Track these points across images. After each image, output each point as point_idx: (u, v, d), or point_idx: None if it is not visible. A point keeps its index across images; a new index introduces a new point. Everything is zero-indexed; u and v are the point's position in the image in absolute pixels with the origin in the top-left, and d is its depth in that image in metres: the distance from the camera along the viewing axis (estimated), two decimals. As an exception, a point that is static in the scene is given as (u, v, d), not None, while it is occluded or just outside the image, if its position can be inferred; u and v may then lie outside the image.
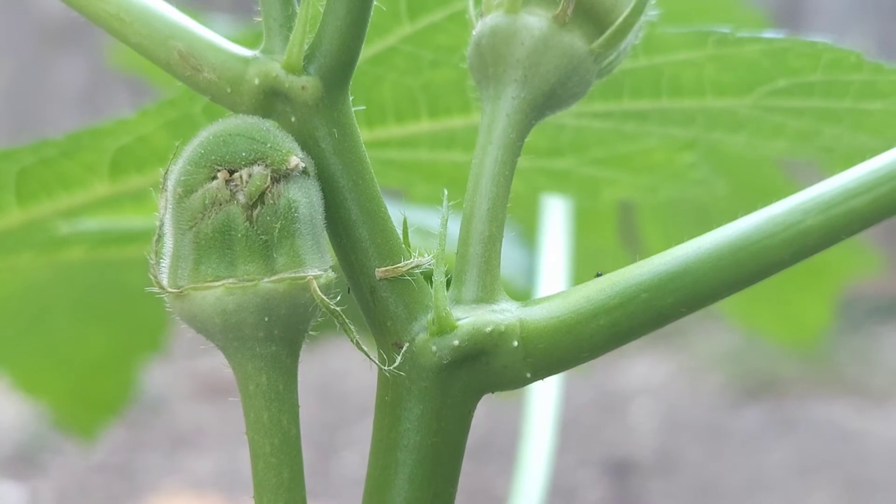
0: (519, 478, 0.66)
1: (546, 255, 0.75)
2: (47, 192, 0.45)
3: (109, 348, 0.74)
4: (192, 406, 2.83)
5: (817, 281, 0.94)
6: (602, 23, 0.31)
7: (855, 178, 0.30)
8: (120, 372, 0.76)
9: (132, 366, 0.76)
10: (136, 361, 0.75)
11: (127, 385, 0.76)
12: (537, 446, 0.67)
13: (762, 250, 0.29)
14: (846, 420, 2.73)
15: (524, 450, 0.67)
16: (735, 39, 0.38)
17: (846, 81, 0.39)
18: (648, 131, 0.47)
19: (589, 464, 2.58)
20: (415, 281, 0.29)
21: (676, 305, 0.29)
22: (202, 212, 0.27)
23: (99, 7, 0.29)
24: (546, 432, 0.68)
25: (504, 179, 0.30)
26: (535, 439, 0.67)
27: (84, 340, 0.73)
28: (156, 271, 0.28)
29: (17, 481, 2.58)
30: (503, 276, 0.79)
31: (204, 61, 0.29)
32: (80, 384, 0.76)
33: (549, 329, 0.29)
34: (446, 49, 0.41)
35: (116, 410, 0.77)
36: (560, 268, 0.74)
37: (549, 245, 0.75)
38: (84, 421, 0.77)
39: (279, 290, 0.27)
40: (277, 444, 0.28)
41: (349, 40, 0.28)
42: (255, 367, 0.27)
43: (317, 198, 0.28)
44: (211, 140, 0.27)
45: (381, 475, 0.29)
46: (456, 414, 0.29)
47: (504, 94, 0.30)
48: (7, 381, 0.76)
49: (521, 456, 0.67)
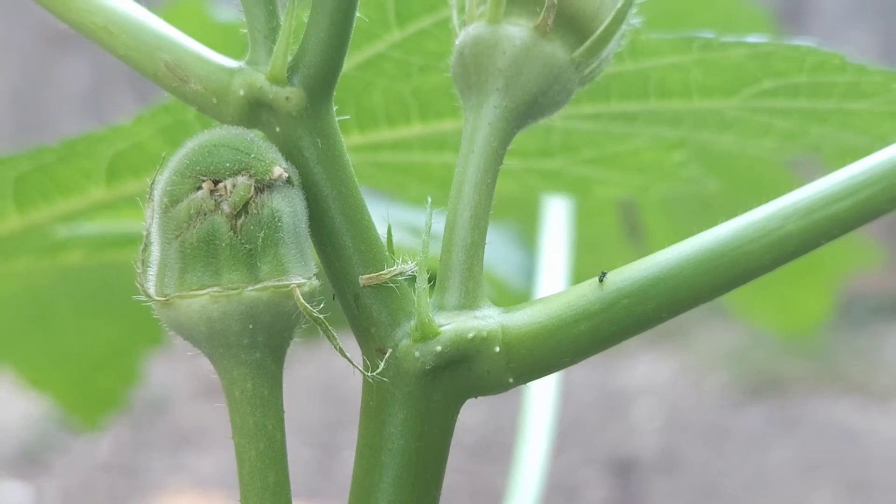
0: (516, 476, 0.66)
1: (546, 255, 0.75)
2: (45, 198, 0.46)
3: (112, 342, 0.75)
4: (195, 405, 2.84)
5: (817, 273, 0.94)
6: (583, 32, 0.31)
7: (834, 183, 0.30)
8: (123, 365, 0.77)
9: (135, 358, 0.77)
10: (139, 354, 0.76)
11: (130, 377, 0.77)
12: (535, 445, 0.67)
13: (743, 256, 0.30)
14: (849, 419, 2.73)
15: (521, 449, 0.67)
16: (719, 44, 0.38)
17: (831, 83, 0.40)
18: (637, 132, 0.48)
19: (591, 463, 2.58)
20: (398, 288, 0.30)
21: (657, 310, 0.30)
22: (187, 221, 0.27)
23: (87, 19, 0.30)
24: (544, 431, 0.68)
25: (486, 187, 0.30)
26: (532, 438, 0.67)
27: (87, 335, 0.74)
28: (143, 280, 0.28)
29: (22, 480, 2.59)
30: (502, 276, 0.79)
31: (190, 72, 0.29)
32: (85, 378, 0.77)
33: (531, 334, 0.29)
34: (435, 55, 0.41)
35: (120, 402, 0.78)
36: (560, 268, 0.74)
37: (549, 245, 0.76)
38: (89, 413, 0.79)
39: (263, 299, 0.27)
40: (262, 448, 0.28)
41: (332, 52, 0.29)
42: (241, 374, 0.28)
43: (300, 207, 0.28)
44: (196, 151, 0.28)
45: (367, 478, 0.30)
46: (439, 418, 0.30)
47: (486, 103, 0.31)
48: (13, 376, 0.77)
49: (518, 455, 0.67)
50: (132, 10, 0.30)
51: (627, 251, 0.89)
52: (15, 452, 2.70)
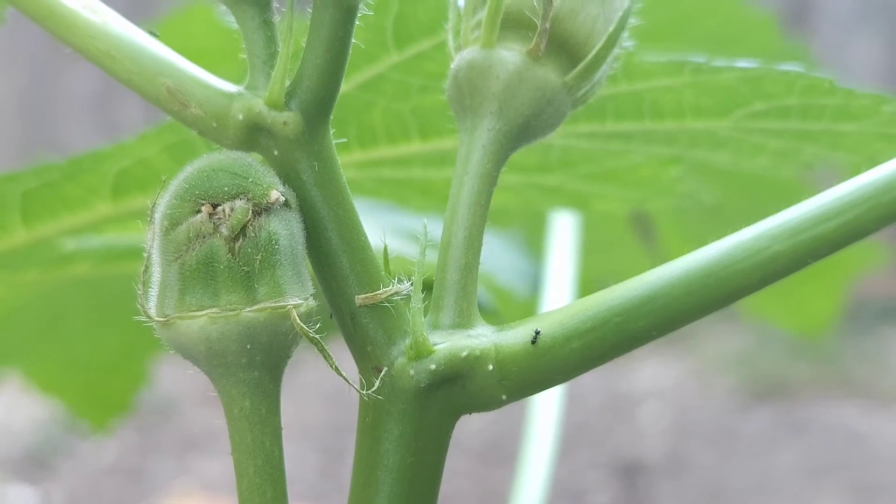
0: (521, 481, 0.67)
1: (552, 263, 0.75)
2: (51, 213, 0.47)
3: (121, 347, 0.76)
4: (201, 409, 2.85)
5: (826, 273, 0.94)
6: (575, 56, 0.32)
7: (821, 204, 0.31)
8: (132, 369, 0.78)
9: (143, 363, 0.78)
10: (147, 359, 0.77)
11: (138, 381, 0.78)
12: (540, 449, 0.67)
13: (731, 275, 0.30)
14: (855, 422, 2.73)
15: (526, 453, 0.68)
16: (710, 68, 0.39)
17: (821, 105, 0.40)
18: (634, 149, 0.48)
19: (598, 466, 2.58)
20: (394, 307, 0.30)
21: (648, 329, 0.30)
22: (187, 244, 0.28)
23: (90, 45, 0.31)
24: (549, 435, 0.68)
25: (480, 209, 0.31)
26: (538, 442, 0.68)
27: (97, 341, 0.75)
28: (144, 300, 0.29)
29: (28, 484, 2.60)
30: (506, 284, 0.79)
31: (191, 97, 0.30)
32: (94, 382, 0.78)
33: (524, 353, 0.30)
34: (434, 76, 0.42)
35: (129, 406, 0.79)
36: (566, 276, 0.75)
37: (556, 253, 0.76)
38: (98, 417, 0.80)
39: (260, 319, 0.28)
40: (260, 464, 0.29)
41: (328, 77, 0.30)
42: (239, 392, 0.29)
43: (298, 229, 0.29)
44: (195, 175, 0.28)
45: (363, 493, 0.31)
46: (433, 435, 0.30)
47: (480, 126, 0.32)
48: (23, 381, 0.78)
49: (523, 459, 0.68)
50: (134, 36, 0.31)
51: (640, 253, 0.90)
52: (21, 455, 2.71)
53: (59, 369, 0.77)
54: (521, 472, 0.67)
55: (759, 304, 1.02)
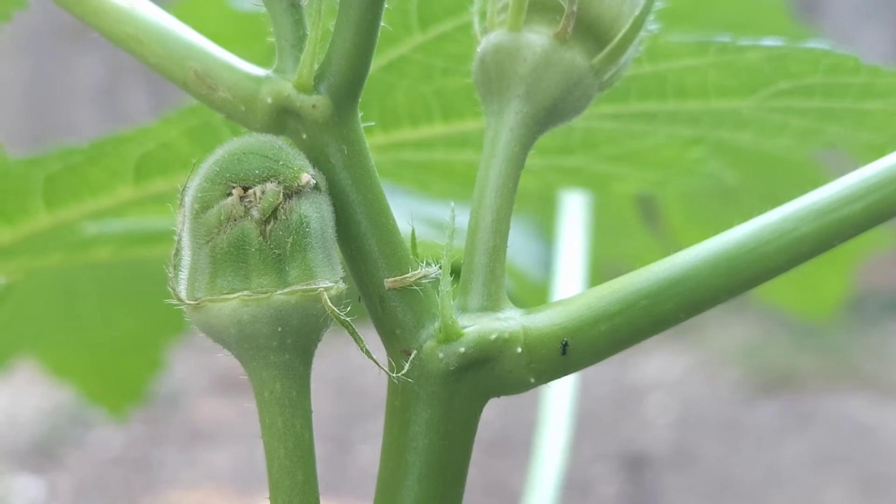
0: (534, 471, 0.67)
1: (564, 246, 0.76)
2: (74, 197, 0.47)
3: (136, 331, 0.76)
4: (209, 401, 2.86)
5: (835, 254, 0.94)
6: (602, 39, 0.32)
7: (847, 186, 0.31)
8: (147, 354, 0.78)
9: (159, 348, 0.78)
10: (163, 344, 0.77)
11: (154, 366, 0.78)
12: (553, 440, 0.68)
13: (758, 257, 0.30)
14: (861, 414, 2.73)
15: (540, 444, 0.68)
16: (735, 47, 0.39)
17: (845, 84, 0.40)
18: (656, 130, 0.48)
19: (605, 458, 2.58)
20: (422, 290, 0.30)
21: (675, 311, 0.30)
22: (218, 227, 0.28)
23: (118, 28, 0.31)
24: (562, 427, 0.68)
25: (508, 191, 0.31)
26: (550, 433, 0.68)
27: (112, 326, 0.76)
28: (174, 283, 0.29)
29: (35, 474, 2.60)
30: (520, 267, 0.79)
31: (219, 81, 0.30)
32: (109, 366, 0.78)
33: (552, 336, 0.30)
34: (457, 58, 0.42)
35: (144, 391, 0.79)
36: (578, 259, 0.75)
37: (567, 236, 0.76)
38: (113, 402, 0.80)
39: (292, 302, 0.28)
40: (291, 447, 0.29)
41: (357, 60, 0.30)
42: (270, 375, 0.29)
43: (328, 212, 0.29)
44: (226, 158, 0.28)
45: (392, 476, 0.31)
46: (463, 418, 0.30)
47: (507, 109, 0.31)
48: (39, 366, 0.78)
49: (536, 450, 0.68)
50: (162, 20, 0.31)
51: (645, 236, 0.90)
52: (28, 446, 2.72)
53: (74, 354, 0.77)
54: (535, 464, 0.67)
55: (770, 286, 1.02)
